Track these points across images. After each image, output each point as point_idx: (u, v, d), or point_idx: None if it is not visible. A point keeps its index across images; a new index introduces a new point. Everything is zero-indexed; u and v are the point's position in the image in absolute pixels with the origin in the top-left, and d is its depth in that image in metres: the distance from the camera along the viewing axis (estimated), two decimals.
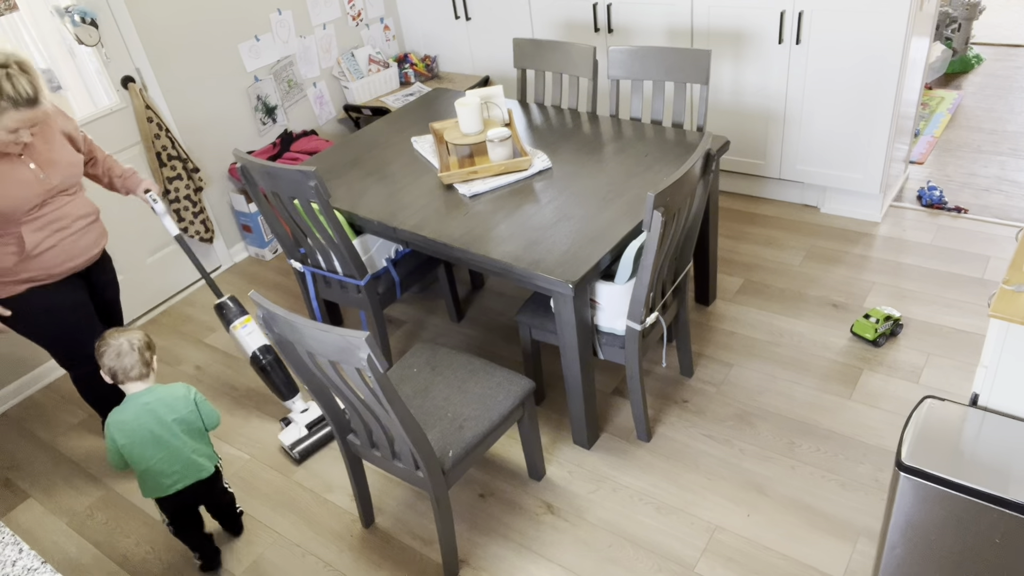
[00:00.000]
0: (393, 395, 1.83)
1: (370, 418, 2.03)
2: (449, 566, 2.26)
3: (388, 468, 2.21)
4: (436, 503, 2.13)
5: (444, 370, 2.38)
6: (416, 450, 1.98)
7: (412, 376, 2.38)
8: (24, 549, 1.48)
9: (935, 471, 1.58)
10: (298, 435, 2.79)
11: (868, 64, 3.16)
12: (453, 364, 2.40)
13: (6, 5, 3.06)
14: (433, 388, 2.32)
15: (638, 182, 2.59)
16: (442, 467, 2.10)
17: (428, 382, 2.35)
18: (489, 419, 2.21)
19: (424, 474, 2.07)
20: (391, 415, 1.87)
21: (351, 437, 2.26)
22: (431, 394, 2.30)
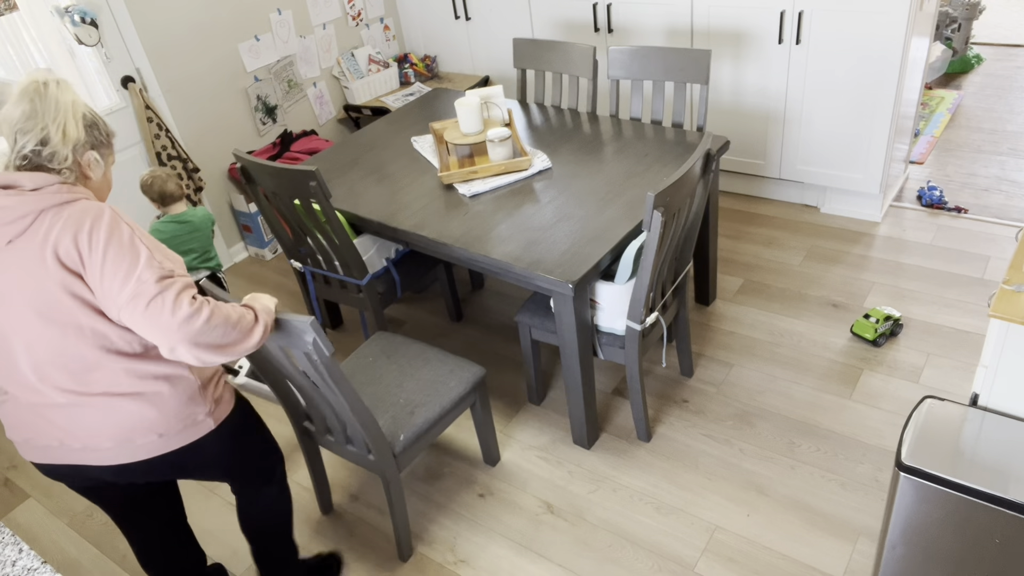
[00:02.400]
0: (340, 378, 1.86)
1: (323, 403, 2.05)
2: (403, 547, 2.34)
3: (342, 453, 2.25)
4: (387, 486, 2.20)
5: (399, 358, 2.44)
6: (366, 434, 2.03)
7: (367, 364, 2.43)
8: (24, 549, 1.48)
9: (935, 471, 1.58)
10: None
11: (868, 64, 3.16)
12: (408, 352, 2.46)
13: (6, 5, 3.06)
14: (386, 375, 2.38)
15: (638, 182, 2.59)
16: (393, 451, 2.15)
17: (382, 369, 2.40)
18: (440, 404, 2.28)
19: (375, 457, 2.13)
20: (340, 399, 1.91)
21: (307, 424, 2.30)
22: (384, 380, 2.36)
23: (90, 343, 1.55)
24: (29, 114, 1.54)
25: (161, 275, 1.51)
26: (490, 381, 3.00)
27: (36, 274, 1.50)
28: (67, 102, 1.57)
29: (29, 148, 1.54)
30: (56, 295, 1.50)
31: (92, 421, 1.60)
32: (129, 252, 1.50)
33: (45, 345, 1.54)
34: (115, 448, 1.63)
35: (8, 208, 1.50)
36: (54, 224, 1.50)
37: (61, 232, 1.49)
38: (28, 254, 1.50)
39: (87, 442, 1.62)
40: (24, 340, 1.54)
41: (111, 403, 1.59)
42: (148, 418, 1.62)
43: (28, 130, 1.54)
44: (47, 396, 1.59)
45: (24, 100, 1.55)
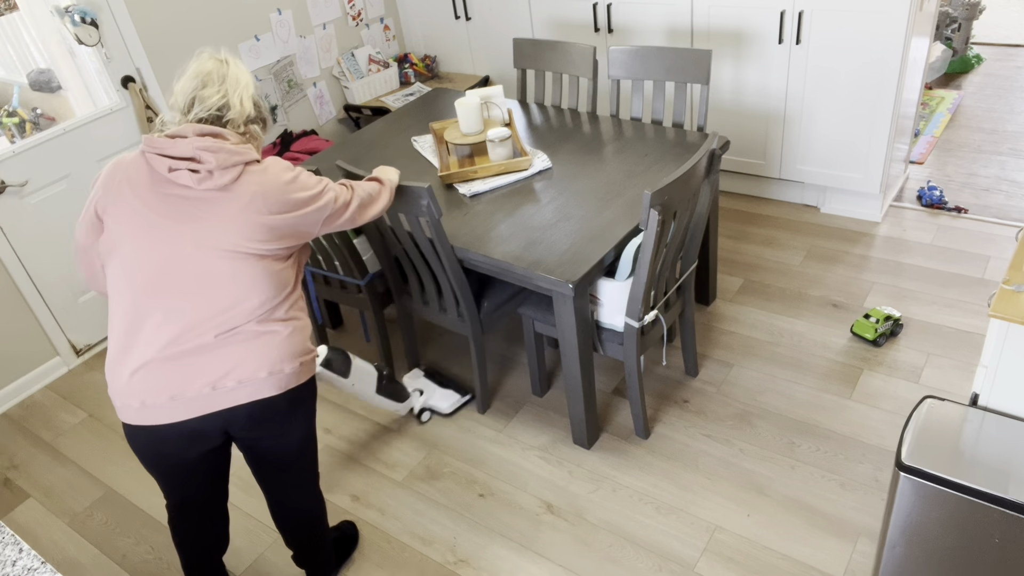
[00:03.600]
0: (444, 238, 2.32)
1: (424, 270, 2.54)
2: (483, 399, 2.83)
3: (435, 318, 2.71)
4: (473, 343, 2.65)
5: None
6: (460, 294, 2.47)
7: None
8: (24, 549, 1.48)
9: (935, 471, 1.58)
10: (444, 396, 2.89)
11: (868, 64, 3.16)
12: None
13: (6, 5, 3.06)
14: None
15: (638, 182, 2.59)
16: (479, 315, 2.57)
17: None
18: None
19: (465, 320, 2.58)
20: (444, 259, 2.38)
21: (404, 298, 2.78)
22: None
23: (275, 278, 1.76)
24: (213, 79, 1.78)
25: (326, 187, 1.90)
26: (490, 381, 3.00)
27: (245, 217, 1.70)
28: (246, 79, 1.86)
29: (211, 110, 1.76)
30: (260, 235, 1.72)
31: (249, 354, 1.74)
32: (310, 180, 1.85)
33: (233, 284, 1.71)
34: (269, 378, 1.76)
35: (224, 153, 1.70)
36: (255, 177, 1.73)
37: (268, 186, 1.74)
38: (236, 199, 1.70)
39: (243, 375, 1.73)
40: (219, 272, 1.70)
41: (265, 334, 1.75)
42: (294, 346, 1.79)
43: (210, 93, 1.77)
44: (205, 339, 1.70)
45: (207, 66, 1.80)
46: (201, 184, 1.69)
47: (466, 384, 2.99)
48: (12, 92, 3.57)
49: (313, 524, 2.13)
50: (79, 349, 3.47)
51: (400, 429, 2.84)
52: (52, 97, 3.49)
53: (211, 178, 1.69)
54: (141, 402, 1.71)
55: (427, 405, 2.85)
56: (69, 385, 3.35)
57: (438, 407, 2.84)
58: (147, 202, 1.70)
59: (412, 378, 2.95)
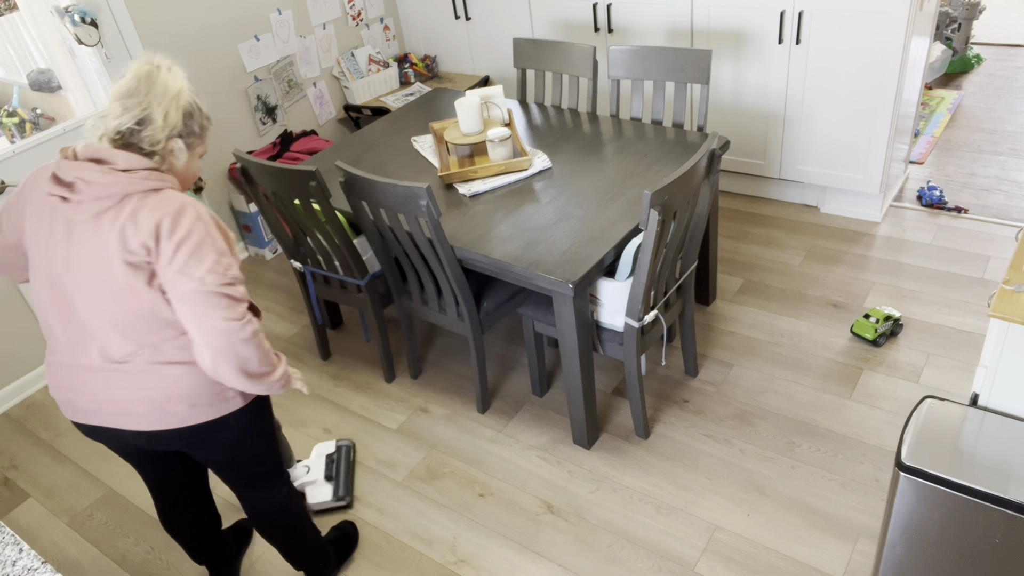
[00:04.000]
0: (444, 238, 2.31)
1: (423, 269, 2.53)
2: (483, 399, 2.82)
3: (435, 318, 2.71)
4: (473, 344, 2.64)
5: None
6: (460, 294, 2.47)
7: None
8: (24, 549, 1.48)
9: (935, 471, 1.58)
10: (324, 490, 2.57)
11: (868, 64, 3.16)
12: None
13: (6, 5, 3.06)
14: None
15: (638, 182, 2.59)
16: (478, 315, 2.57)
17: None
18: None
19: (464, 319, 2.59)
20: (443, 259, 2.36)
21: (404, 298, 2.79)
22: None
23: (148, 320, 1.62)
24: (135, 90, 1.62)
25: (226, 280, 1.59)
26: (490, 381, 3.00)
27: (111, 250, 1.57)
28: (174, 87, 1.65)
29: (128, 124, 1.61)
30: (123, 275, 1.58)
31: (130, 386, 1.67)
32: (202, 249, 1.58)
33: (103, 314, 1.61)
34: (147, 415, 1.70)
35: (99, 185, 1.56)
36: (139, 210, 1.57)
37: (145, 218, 1.56)
38: (108, 229, 1.57)
39: (123, 407, 1.69)
40: (85, 306, 1.62)
41: (152, 370, 1.67)
42: (183, 387, 1.68)
43: (131, 105, 1.61)
44: (93, 360, 1.67)
45: (136, 76, 1.63)
46: (70, 212, 1.59)
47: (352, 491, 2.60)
48: (12, 92, 3.57)
49: (283, 523, 2.08)
50: None
51: (400, 429, 2.84)
52: (52, 97, 3.49)
53: (81, 207, 1.58)
54: (57, 396, 1.76)
55: (300, 488, 2.57)
56: None
57: (308, 497, 2.55)
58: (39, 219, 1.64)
59: (318, 453, 2.68)
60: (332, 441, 2.73)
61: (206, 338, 1.58)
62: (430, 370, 3.10)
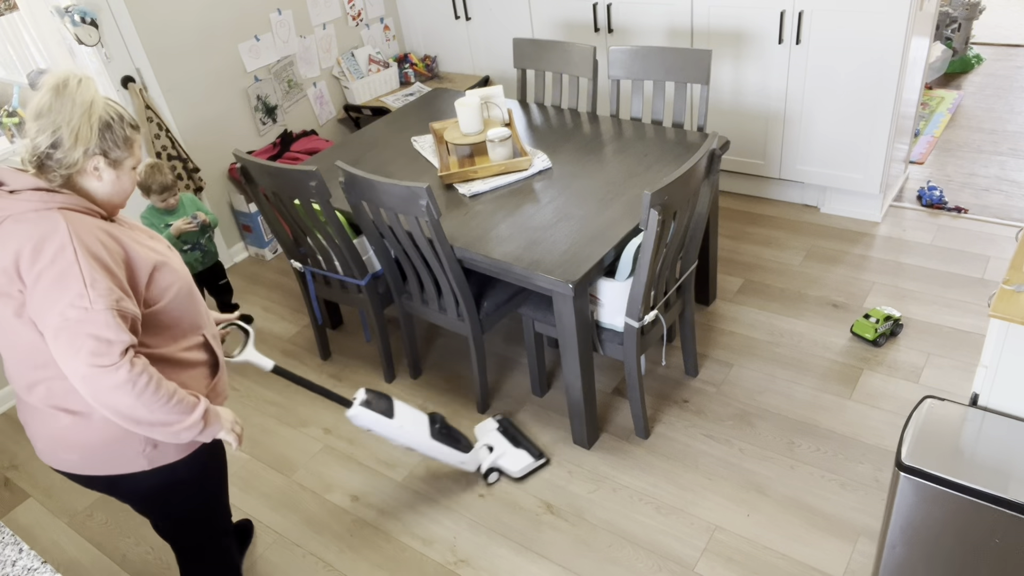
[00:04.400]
0: (444, 238, 2.32)
1: (424, 269, 2.53)
2: (483, 399, 2.81)
3: (435, 318, 2.71)
4: (473, 344, 2.64)
5: None
6: (460, 293, 2.47)
7: None
8: (24, 549, 1.48)
9: (935, 471, 1.58)
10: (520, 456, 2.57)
11: (868, 64, 3.16)
12: None
13: (6, 5, 3.06)
14: None
15: (638, 182, 2.59)
16: (478, 314, 2.58)
17: None
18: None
19: (464, 319, 2.59)
20: (443, 258, 2.36)
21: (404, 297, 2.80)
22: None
23: (28, 354, 1.51)
24: (46, 110, 1.47)
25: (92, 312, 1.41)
26: (490, 381, 3.00)
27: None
28: (85, 102, 1.49)
29: (43, 147, 1.48)
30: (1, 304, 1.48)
31: (32, 421, 1.62)
32: (66, 278, 1.41)
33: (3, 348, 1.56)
34: (45, 452, 1.64)
35: None
36: (12, 233, 1.44)
37: (9, 242, 1.43)
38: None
39: (34, 442, 1.66)
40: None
41: (47, 411, 1.58)
42: (71, 437, 1.58)
43: (43, 127, 1.48)
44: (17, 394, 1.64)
45: (47, 94, 1.49)
46: None
47: (542, 446, 2.66)
48: (12, 92, 3.57)
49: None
50: None
51: None
52: None
53: None
54: None
55: (496, 464, 2.54)
56: None
57: (508, 469, 2.53)
58: None
59: (483, 431, 2.67)
60: (488, 419, 2.73)
61: (74, 382, 1.44)
62: (430, 370, 3.10)
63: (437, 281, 2.64)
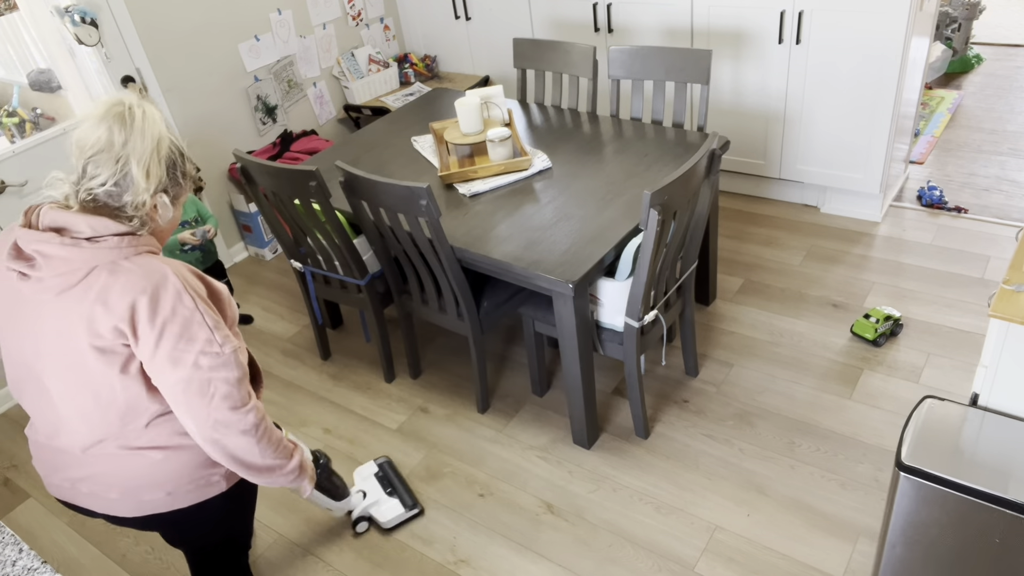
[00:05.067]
0: (444, 238, 2.32)
1: (424, 270, 2.53)
2: (483, 399, 2.82)
3: (434, 318, 2.72)
4: (473, 344, 2.64)
5: None
6: (460, 293, 2.46)
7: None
8: (24, 549, 1.48)
9: (935, 471, 1.58)
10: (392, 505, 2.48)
11: (868, 64, 3.16)
12: None
13: (6, 5, 3.06)
14: None
15: (638, 182, 2.59)
16: (478, 314, 2.59)
17: None
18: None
19: (464, 319, 2.59)
20: (443, 258, 2.36)
21: (404, 297, 2.81)
22: None
23: (122, 411, 1.44)
24: (107, 144, 1.35)
25: (221, 361, 1.38)
26: (490, 381, 3.00)
27: (77, 336, 1.37)
28: (155, 136, 1.38)
29: (103, 187, 1.36)
30: (94, 364, 1.38)
31: (103, 471, 1.52)
32: (191, 329, 1.36)
33: (75, 404, 1.44)
34: (120, 500, 1.55)
35: (60, 260, 1.34)
36: (110, 286, 1.34)
37: (118, 298, 1.34)
38: (73, 313, 1.36)
39: (95, 490, 1.55)
40: (58, 393, 1.46)
41: (125, 455, 1.50)
42: (161, 475, 1.52)
43: (103, 162, 1.35)
44: (63, 443, 1.53)
45: (105, 125, 1.36)
46: (32, 289, 1.37)
47: (416, 496, 2.53)
48: (12, 92, 3.57)
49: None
50: None
51: (400, 429, 2.84)
52: (52, 97, 3.49)
53: (42, 283, 1.36)
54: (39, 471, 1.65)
55: (366, 513, 2.44)
56: None
57: (378, 518, 2.43)
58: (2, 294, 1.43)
59: (362, 475, 2.55)
60: (369, 462, 2.58)
61: (200, 430, 1.41)
62: (430, 370, 3.10)
63: (437, 281, 2.64)
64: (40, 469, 1.64)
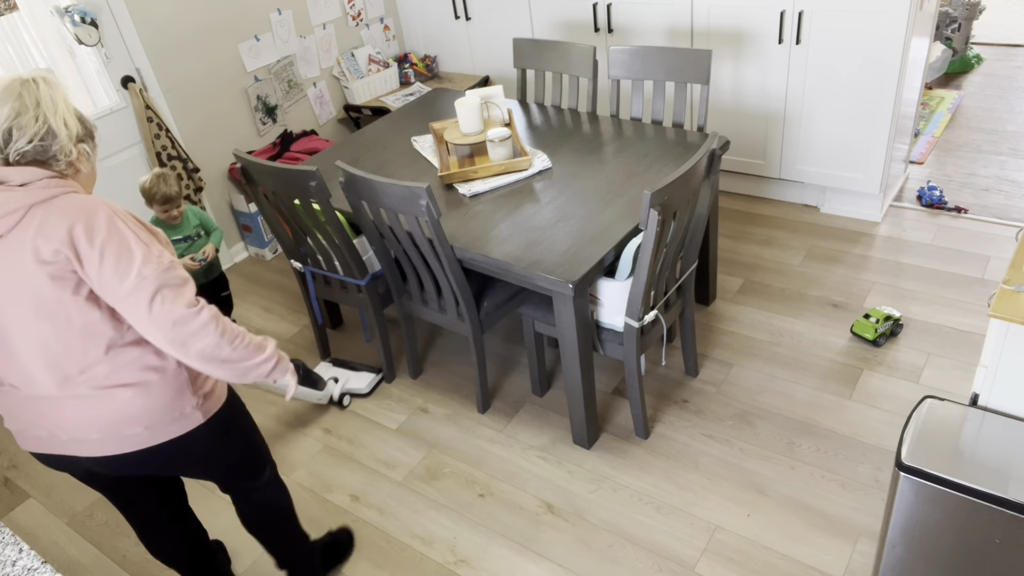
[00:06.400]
0: (444, 238, 2.32)
1: (424, 270, 2.54)
2: (483, 399, 2.83)
3: (435, 318, 2.73)
4: (473, 344, 2.65)
5: None
6: (460, 293, 2.47)
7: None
8: (24, 549, 1.48)
9: (935, 471, 1.58)
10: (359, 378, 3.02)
11: (868, 64, 3.16)
12: None
13: (6, 5, 3.06)
14: None
15: (638, 182, 2.59)
16: (478, 314, 2.60)
17: None
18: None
19: (464, 319, 2.60)
20: (443, 258, 2.37)
21: (404, 297, 2.81)
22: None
23: (80, 337, 1.54)
24: (23, 108, 1.50)
25: (162, 269, 1.52)
26: (490, 381, 3.00)
27: (27, 270, 1.49)
28: (61, 98, 1.56)
29: (30, 143, 1.51)
30: (47, 290, 1.50)
31: (80, 413, 1.60)
32: (128, 245, 1.50)
33: (36, 339, 1.54)
34: (102, 440, 1.63)
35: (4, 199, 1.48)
36: (46, 219, 1.48)
37: (55, 226, 1.48)
38: (18, 250, 1.49)
39: (74, 434, 1.62)
40: (19, 334, 1.54)
41: (100, 395, 1.59)
42: (135, 410, 1.61)
43: (24, 124, 1.50)
44: (38, 389, 1.59)
45: (12, 94, 1.51)
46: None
47: (373, 362, 3.12)
48: None
49: (270, 515, 2.06)
50: None
51: (400, 429, 2.84)
52: None
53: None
54: (9, 425, 1.69)
55: (345, 389, 2.97)
56: None
57: (356, 388, 2.97)
58: None
59: (324, 368, 3.07)
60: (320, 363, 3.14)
61: (162, 335, 1.51)
62: (430, 370, 3.10)
63: (437, 281, 2.64)
64: (15, 425, 1.68)
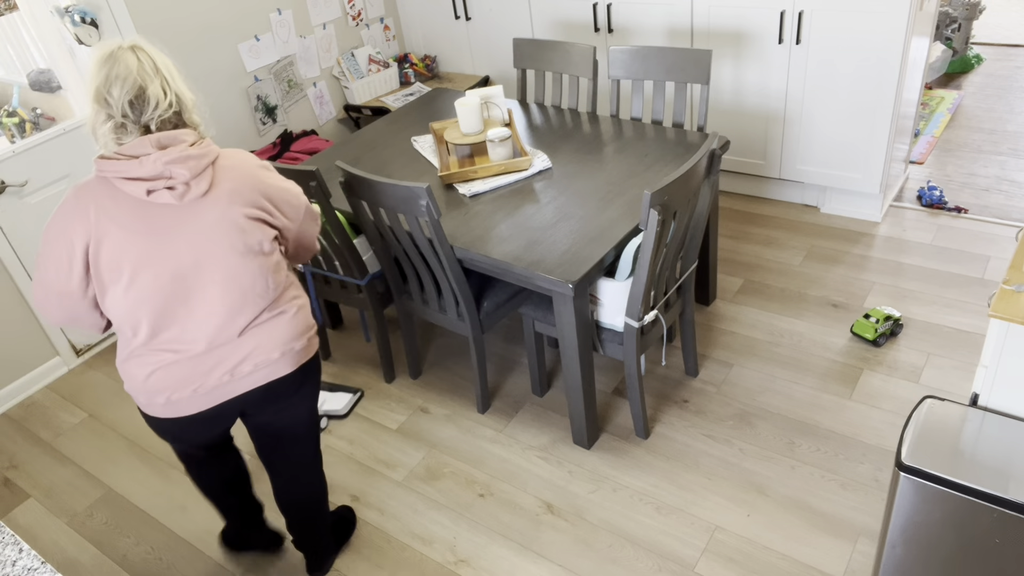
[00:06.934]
0: (444, 239, 2.32)
1: (424, 270, 2.54)
2: (483, 399, 2.82)
3: (435, 318, 2.72)
4: (473, 344, 2.64)
5: None
6: (460, 293, 2.47)
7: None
8: (24, 549, 1.48)
9: (935, 471, 1.58)
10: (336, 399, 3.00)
11: (868, 64, 3.16)
12: None
13: (6, 5, 3.07)
14: None
15: (638, 182, 2.59)
16: (479, 314, 2.59)
17: None
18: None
19: (464, 319, 2.59)
20: (443, 258, 2.37)
21: (404, 297, 2.81)
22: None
23: (271, 268, 1.78)
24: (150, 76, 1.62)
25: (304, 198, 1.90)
26: (490, 381, 3.00)
27: (230, 217, 1.69)
28: (170, 61, 1.71)
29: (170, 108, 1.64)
30: (249, 231, 1.71)
31: (261, 338, 1.81)
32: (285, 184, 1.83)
33: (241, 279, 1.73)
34: (282, 359, 1.85)
35: (196, 158, 1.64)
36: (226, 174, 1.70)
37: (240, 180, 1.71)
38: (220, 201, 1.68)
39: (257, 359, 1.81)
40: (224, 277, 1.71)
41: (273, 320, 1.82)
42: (300, 325, 1.88)
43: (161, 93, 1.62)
44: (224, 337, 1.76)
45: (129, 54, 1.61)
46: (183, 199, 1.65)
47: (352, 384, 3.08)
48: (12, 92, 3.57)
49: (317, 504, 2.21)
50: (79, 349, 3.47)
51: (400, 429, 2.84)
52: (52, 97, 3.49)
53: (190, 190, 1.65)
54: (167, 399, 1.78)
55: (323, 411, 2.93)
56: (69, 385, 3.35)
57: (333, 410, 2.93)
58: (135, 230, 1.64)
59: None
60: None
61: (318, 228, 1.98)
62: (430, 370, 3.10)
63: (437, 281, 2.64)
64: (186, 389, 1.77)
